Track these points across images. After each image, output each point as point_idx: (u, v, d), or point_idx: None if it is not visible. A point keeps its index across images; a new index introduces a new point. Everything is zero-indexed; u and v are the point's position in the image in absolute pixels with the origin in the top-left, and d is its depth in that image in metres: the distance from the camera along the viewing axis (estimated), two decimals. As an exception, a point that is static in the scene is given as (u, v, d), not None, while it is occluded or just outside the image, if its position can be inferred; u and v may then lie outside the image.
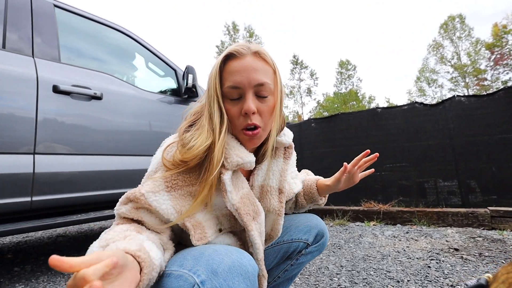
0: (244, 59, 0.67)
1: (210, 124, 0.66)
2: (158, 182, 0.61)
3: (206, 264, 0.52)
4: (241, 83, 0.65)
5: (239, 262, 0.55)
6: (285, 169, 0.82)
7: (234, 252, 0.57)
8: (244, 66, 0.66)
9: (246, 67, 0.66)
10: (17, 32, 1.47)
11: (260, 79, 0.66)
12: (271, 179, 0.79)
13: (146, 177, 0.66)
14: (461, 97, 3.05)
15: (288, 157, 0.84)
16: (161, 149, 0.68)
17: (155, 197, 0.59)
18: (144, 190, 0.59)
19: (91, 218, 1.61)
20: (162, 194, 0.60)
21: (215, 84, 0.67)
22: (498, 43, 22.00)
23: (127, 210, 0.60)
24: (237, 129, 0.68)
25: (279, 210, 0.79)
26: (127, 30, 2.05)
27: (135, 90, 1.91)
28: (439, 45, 26.84)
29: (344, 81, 30.87)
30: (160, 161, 0.64)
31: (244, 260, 0.56)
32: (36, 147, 1.40)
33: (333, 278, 1.50)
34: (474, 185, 2.90)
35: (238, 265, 0.54)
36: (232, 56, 0.67)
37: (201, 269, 0.51)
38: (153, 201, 0.59)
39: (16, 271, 1.79)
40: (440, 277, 1.42)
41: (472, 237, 2.13)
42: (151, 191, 0.59)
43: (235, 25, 28.03)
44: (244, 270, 0.54)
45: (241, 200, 0.68)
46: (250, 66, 0.66)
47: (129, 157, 1.79)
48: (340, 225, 2.87)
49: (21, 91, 1.38)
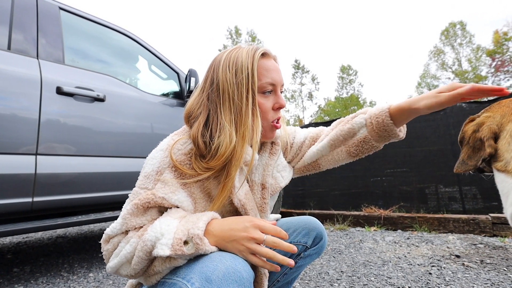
0: (273, 60, 0.75)
1: (233, 123, 0.66)
2: (175, 186, 0.62)
3: (200, 271, 0.51)
4: (277, 81, 0.73)
5: (233, 269, 0.53)
6: (269, 164, 0.81)
7: (229, 258, 0.55)
8: (275, 66, 0.75)
9: (277, 67, 0.75)
10: (23, 33, 1.49)
11: (283, 81, 0.76)
12: (254, 173, 0.79)
13: (146, 178, 0.64)
14: (462, 103, 3.05)
15: (274, 153, 0.84)
16: (159, 149, 0.67)
17: (176, 196, 0.62)
18: (161, 193, 0.61)
19: (92, 219, 1.61)
20: (180, 192, 0.63)
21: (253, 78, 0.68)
22: (499, 50, 22.06)
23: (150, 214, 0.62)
24: (268, 121, 0.74)
25: (262, 206, 0.78)
26: (131, 32, 2.07)
27: (137, 92, 1.92)
28: (440, 51, 26.93)
29: (346, 86, 30.94)
30: (164, 162, 0.64)
31: (239, 266, 0.55)
32: (38, 148, 1.41)
33: (333, 284, 1.49)
34: (475, 191, 2.89)
35: (232, 272, 0.53)
36: (265, 55, 0.73)
37: (195, 277, 0.51)
38: (175, 200, 0.61)
39: (16, 272, 1.78)
40: (442, 284, 1.41)
41: (474, 244, 2.11)
42: (170, 192, 0.61)
43: (238, 29, 28.21)
44: (239, 277, 0.53)
45: (245, 196, 0.69)
46: (278, 67, 0.76)
47: (131, 159, 1.79)
48: (340, 230, 2.86)
49: (25, 92, 1.39)
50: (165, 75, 2.28)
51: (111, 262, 0.59)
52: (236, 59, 0.70)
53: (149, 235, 0.55)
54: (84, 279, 1.66)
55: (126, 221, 0.60)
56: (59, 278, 1.68)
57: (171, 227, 0.55)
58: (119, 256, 0.58)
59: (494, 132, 0.63)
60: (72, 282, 1.62)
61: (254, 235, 0.56)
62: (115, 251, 0.60)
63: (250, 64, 0.68)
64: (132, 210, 0.60)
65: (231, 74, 0.68)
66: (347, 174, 3.54)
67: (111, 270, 0.59)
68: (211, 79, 0.71)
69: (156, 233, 0.55)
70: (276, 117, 0.75)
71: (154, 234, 0.54)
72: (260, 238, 0.56)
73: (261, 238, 0.57)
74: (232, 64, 0.69)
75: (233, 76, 0.68)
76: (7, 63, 1.37)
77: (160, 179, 0.62)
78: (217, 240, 0.57)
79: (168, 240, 0.53)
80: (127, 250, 0.57)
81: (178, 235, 0.54)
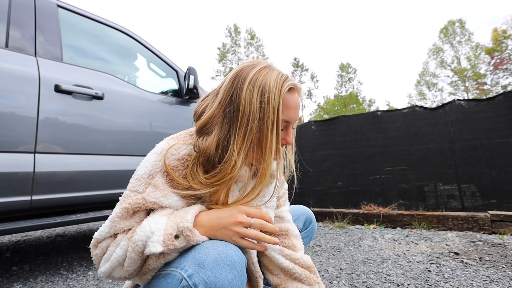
0: (297, 95, 0.70)
1: (243, 151, 0.63)
2: (166, 190, 0.62)
3: (193, 258, 0.53)
4: (293, 120, 0.69)
5: (225, 253, 0.55)
6: None
7: (220, 245, 0.57)
8: (297, 103, 0.70)
9: (298, 104, 0.70)
10: (20, 31, 1.48)
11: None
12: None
13: (138, 180, 0.64)
14: (461, 101, 3.05)
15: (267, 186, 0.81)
16: (153, 153, 0.66)
17: (167, 201, 0.61)
18: (152, 197, 0.60)
19: (90, 218, 1.61)
20: (172, 196, 0.62)
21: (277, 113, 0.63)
22: (498, 48, 22.07)
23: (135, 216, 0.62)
24: None
25: None
26: (129, 30, 2.06)
27: (136, 90, 1.91)
28: (439, 49, 26.94)
29: (345, 84, 30.93)
30: (156, 165, 0.63)
31: (230, 251, 0.56)
32: (36, 146, 1.40)
33: (333, 281, 1.49)
34: (474, 189, 2.90)
35: (224, 256, 0.54)
36: (291, 89, 0.68)
37: (188, 264, 0.52)
38: (167, 205, 0.62)
39: (15, 270, 1.78)
40: (441, 281, 1.42)
41: (472, 241, 2.12)
42: (161, 196, 0.61)
43: (237, 27, 28.12)
44: (230, 261, 0.54)
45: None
46: (299, 103, 0.71)
47: (130, 157, 1.78)
48: (340, 228, 2.87)
49: (23, 90, 1.38)
50: (164, 73, 2.27)
51: (103, 267, 0.59)
52: (264, 85, 0.64)
53: (138, 235, 0.55)
54: (83, 278, 1.66)
55: (115, 223, 0.60)
56: (58, 277, 1.67)
57: (160, 224, 0.56)
58: (110, 260, 0.57)
59: None
60: (71, 280, 1.62)
61: (241, 219, 0.60)
62: (104, 256, 0.59)
63: (277, 97, 0.63)
64: (121, 214, 0.60)
65: (256, 100, 0.63)
66: (346, 172, 3.55)
67: (103, 275, 0.59)
68: (232, 96, 0.65)
69: (145, 232, 0.55)
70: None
71: (144, 234, 0.54)
72: (247, 222, 0.60)
73: (248, 221, 0.60)
74: (258, 89, 0.64)
75: (257, 103, 0.63)
76: (5, 61, 1.36)
77: (152, 183, 0.62)
78: (207, 230, 0.59)
79: (158, 237, 0.54)
80: (118, 254, 0.56)
81: (168, 230, 0.55)
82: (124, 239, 0.58)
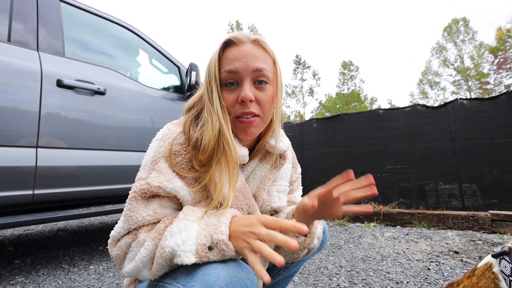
0: (243, 46, 0.65)
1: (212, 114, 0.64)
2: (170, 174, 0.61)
3: (202, 279, 0.49)
4: (239, 69, 0.64)
5: (237, 277, 0.51)
6: (268, 178, 0.76)
7: (232, 266, 0.53)
8: (243, 52, 0.64)
9: (245, 54, 0.64)
10: (23, 25, 1.47)
11: (258, 65, 0.64)
12: (250, 182, 0.74)
13: (142, 168, 0.64)
14: (463, 100, 3.04)
15: (276, 167, 0.77)
16: (154, 140, 0.67)
17: (171, 185, 0.60)
18: (156, 182, 0.59)
19: (92, 212, 1.62)
20: (177, 180, 0.61)
21: (214, 70, 0.65)
22: (502, 47, 21.90)
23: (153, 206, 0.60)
24: (233, 117, 0.65)
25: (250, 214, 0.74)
26: (131, 26, 2.05)
27: (138, 86, 1.91)
28: (442, 48, 26.75)
29: (347, 82, 30.80)
30: (158, 151, 0.63)
31: (243, 274, 0.53)
32: (39, 141, 1.41)
33: (332, 278, 1.50)
34: (475, 189, 2.90)
35: (236, 280, 0.51)
36: (231, 42, 0.66)
37: (196, 285, 0.48)
38: (171, 189, 0.59)
39: (17, 264, 1.80)
40: (440, 280, 1.42)
41: (472, 240, 2.12)
42: (165, 180, 0.60)
43: (239, 24, 28.01)
44: (242, 286, 0.51)
45: (236, 198, 0.67)
46: (249, 53, 0.64)
47: (131, 153, 1.79)
48: (340, 225, 2.87)
49: (25, 85, 1.39)
50: (166, 69, 2.27)
51: (127, 266, 0.57)
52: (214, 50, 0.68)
53: (168, 241, 0.52)
54: (85, 271, 1.67)
55: (127, 218, 0.59)
56: (60, 270, 1.69)
57: (191, 232, 0.53)
58: (135, 260, 0.55)
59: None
60: (73, 274, 1.64)
61: (255, 230, 0.53)
62: (128, 255, 0.57)
63: (214, 56, 0.66)
64: (130, 205, 0.59)
65: (207, 66, 0.68)
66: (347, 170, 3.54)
67: (127, 275, 0.58)
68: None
69: (175, 238, 0.52)
70: (240, 111, 0.64)
71: (174, 240, 0.52)
72: (259, 233, 0.53)
73: (259, 232, 0.52)
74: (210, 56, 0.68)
75: (207, 68, 0.68)
76: (7, 55, 1.36)
77: (155, 168, 0.61)
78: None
79: (191, 246, 0.51)
80: (142, 254, 0.54)
81: (201, 240, 0.52)
82: (148, 238, 0.55)
